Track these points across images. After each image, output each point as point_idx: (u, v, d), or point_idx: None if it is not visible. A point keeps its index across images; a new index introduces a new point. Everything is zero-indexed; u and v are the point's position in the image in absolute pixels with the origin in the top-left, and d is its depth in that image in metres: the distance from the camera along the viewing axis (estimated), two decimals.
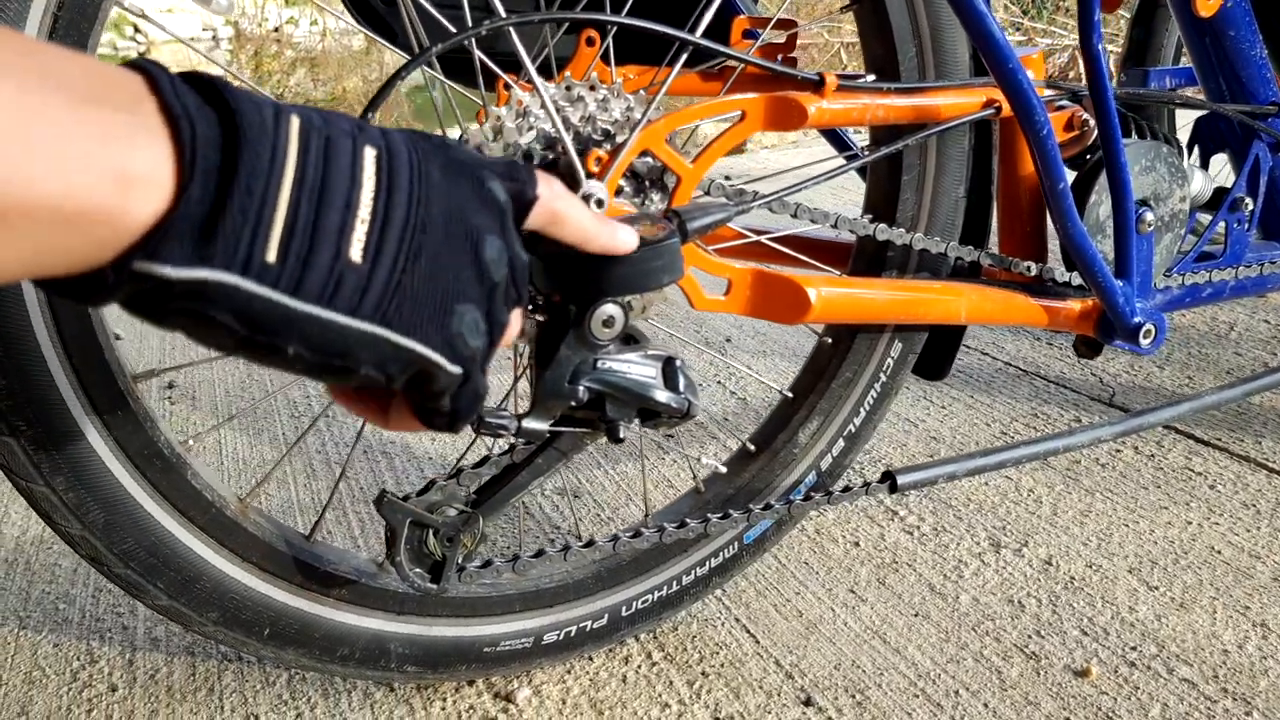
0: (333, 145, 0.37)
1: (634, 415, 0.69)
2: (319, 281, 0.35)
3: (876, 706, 0.84)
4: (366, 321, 0.37)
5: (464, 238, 0.41)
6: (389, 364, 0.39)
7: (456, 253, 0.40)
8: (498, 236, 0.43)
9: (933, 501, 1.17)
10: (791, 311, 0.75)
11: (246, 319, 0.34)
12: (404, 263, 0.38)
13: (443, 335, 0.40)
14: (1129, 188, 0.88)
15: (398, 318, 0.38)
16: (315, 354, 0.37)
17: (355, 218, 0.36)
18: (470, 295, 0.41)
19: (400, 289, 0.38)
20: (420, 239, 0.39)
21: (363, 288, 0.37)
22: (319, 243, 0.35)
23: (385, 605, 0.79)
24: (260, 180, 0.34)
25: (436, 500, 0.73)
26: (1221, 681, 0.87)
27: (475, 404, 0.44)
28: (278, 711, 0.84)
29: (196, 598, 0.70)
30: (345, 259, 0.36)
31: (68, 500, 0.64)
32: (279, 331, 0.35)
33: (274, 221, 0.34)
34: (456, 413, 0.44)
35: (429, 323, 0.39)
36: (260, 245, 0.34)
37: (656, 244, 0.62)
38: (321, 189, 0.36)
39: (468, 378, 0.42)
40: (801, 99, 0.71)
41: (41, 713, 0.84)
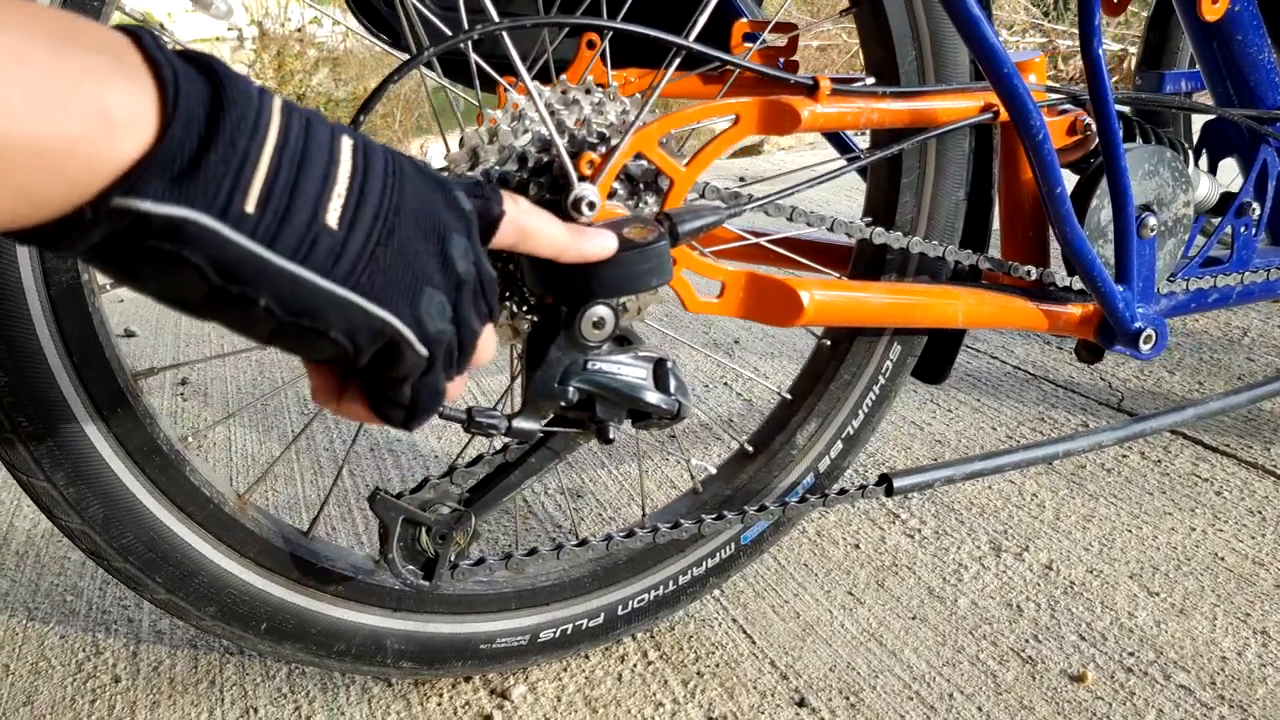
0: (313, 127, 0.38)
1: (624, 416, 0.69)
2: (295, 238, 0.36)
3: (870, 708, 0.85)
4: (339, 285, 0.38)
5: (432, 230, 0.42)
6: (358, 331, 0.39)
7: (425, 241, 0.42)
8: (464, 237, 0.44)
9: (935, 505, 1.17)
10: (784, 314, 0.75)
11: (221, 266, 0.35)
12: (378, 238, 0.39)
13: (412, 311, 0.41)
14: (1129, 192, 0.87)
15: (370, 286, 0.39)
16: (286, 312, 0.37)
17: (332, 189, 0.38)
18: (437, 282, 0.42)
19: (374, 260, 0.39)
20: (393, 220, 0.40)
21: (337, 252, 0.38)
22: (297, 202, 0.36)
23: (382, 601, 0.80)
24: (244, 138, 0.35)
25: (429, 498, 0.74)
26: (1219, 689, 0.86)
27: (434, 402, 0.45)
28: (277, 705, 0.85)
29: (195, 592, 0.72)
30: (321, 222, 0.37)
31: (68, 495, 0.65)
32: (252, 282, 0.36)
33: (255, 176, 0.35)
34: (415, 406, 0.44)
35: (399, 297, 0.40)
36: (240, 195, 0.35)
37: (645, 247, 0.63)
38: (301, 158, 0.37)
39: (431, 365, 0.43)
40: (795, 103, 0.71)
41: (46, 702, 0.86)
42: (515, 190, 0.70)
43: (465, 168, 0.70)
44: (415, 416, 0.46)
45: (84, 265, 0.62)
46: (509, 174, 0.70)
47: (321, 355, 0.40)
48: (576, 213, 0.66)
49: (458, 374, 0.46)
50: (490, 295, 0.46)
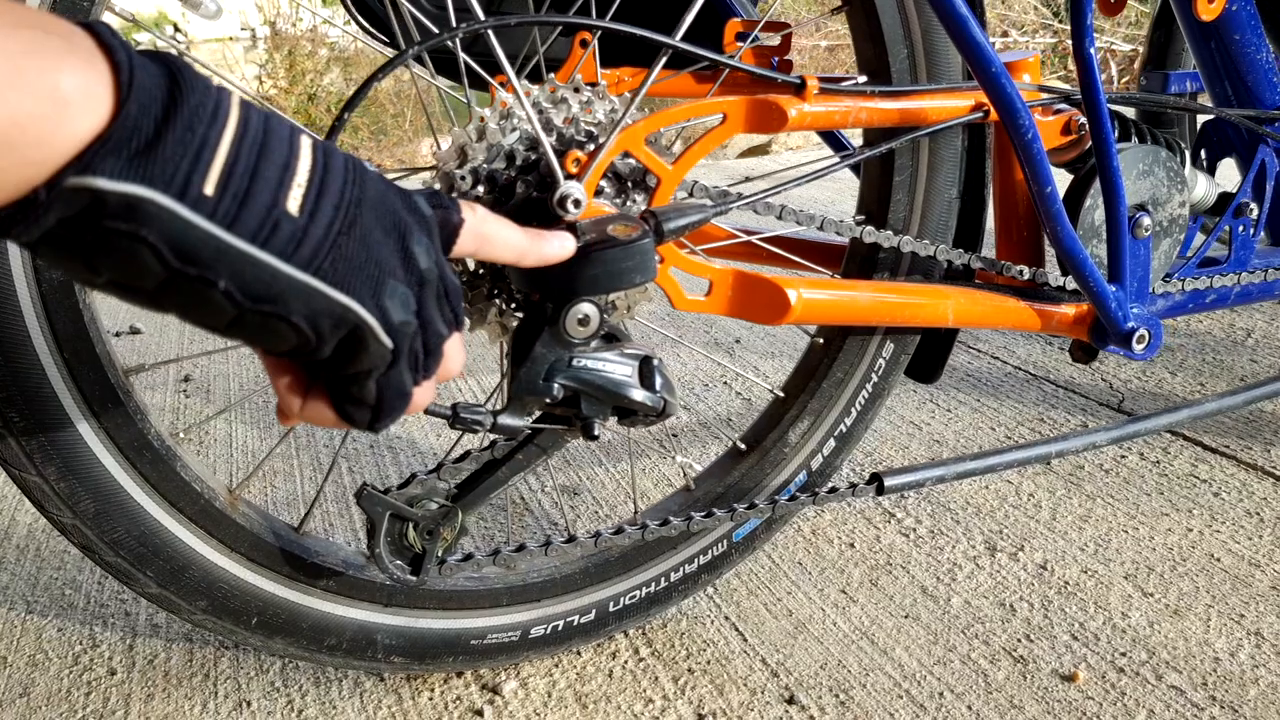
0: (272, 122, 0.39)
1: (609, 413, 0.70)
2: (255, 221, 0.37)
3: (859, 706, 0.85)
4: (301, 270, 0.38)
5: (393, 226, 0.42)
6: (320, 317, 0.39)
7: (387, 235, 0.42)
8: (425, 237, 0.44)
9: (930, 504, 1.16)
10: (771, 312, 0.76)
11: (178, 247, 0.35)
12: (340, 226, 0.39)
13: (375, 299, 0.41)
14: (1121, 192, 0.87)
15: (332, 272, 0.39)
16: (246, 297, 0.37)
17: (293, 179, 0.38)
18: (400, 275, 0.42)
19: (336, 248, 0.39)
20: (355, 212, 0.40)
21: (299, 238, 0.38)
22: (257, 187, 0.37)
23: (373, 597, 0.81)
24: (202, 123, 0.35)
25: (416, 494, 0.74)
26: (1210, 689, 0.86)
27: (399, 402, 0.45)
28: (269, 698, 0.86)
29: (186, 586, 0.72)
30: (282, 208, 0.37)
31: (60, 490, 0.66)
32: (211, 265, 0.36)
33: (214, 160, 0.36)
34: (380, 405, 0.44)
35: (362, 285, 0.40)
36: (199, 177, 0.35)
37: (628, 244, 0.63)
38: (262, 147, 0.37)
39: (396, 359, 0.43)
40: (782, 102, 0.72)
41: (43, 694, 0.87)
42: (503, 188, 0.70)
43: (454, 165, 0.70)
44: (381, 416, 0.45)
45: None
46: (497, 172, 0.70)
47: (283, 345, 0.40)
48: (562, 210, 0.67)
49: (424, 379, 0.46)
50: (455, 302, 0.46)
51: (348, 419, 0.45)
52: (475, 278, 0.74)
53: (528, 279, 0.65)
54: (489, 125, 0.70)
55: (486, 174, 0.70)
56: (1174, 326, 1.72)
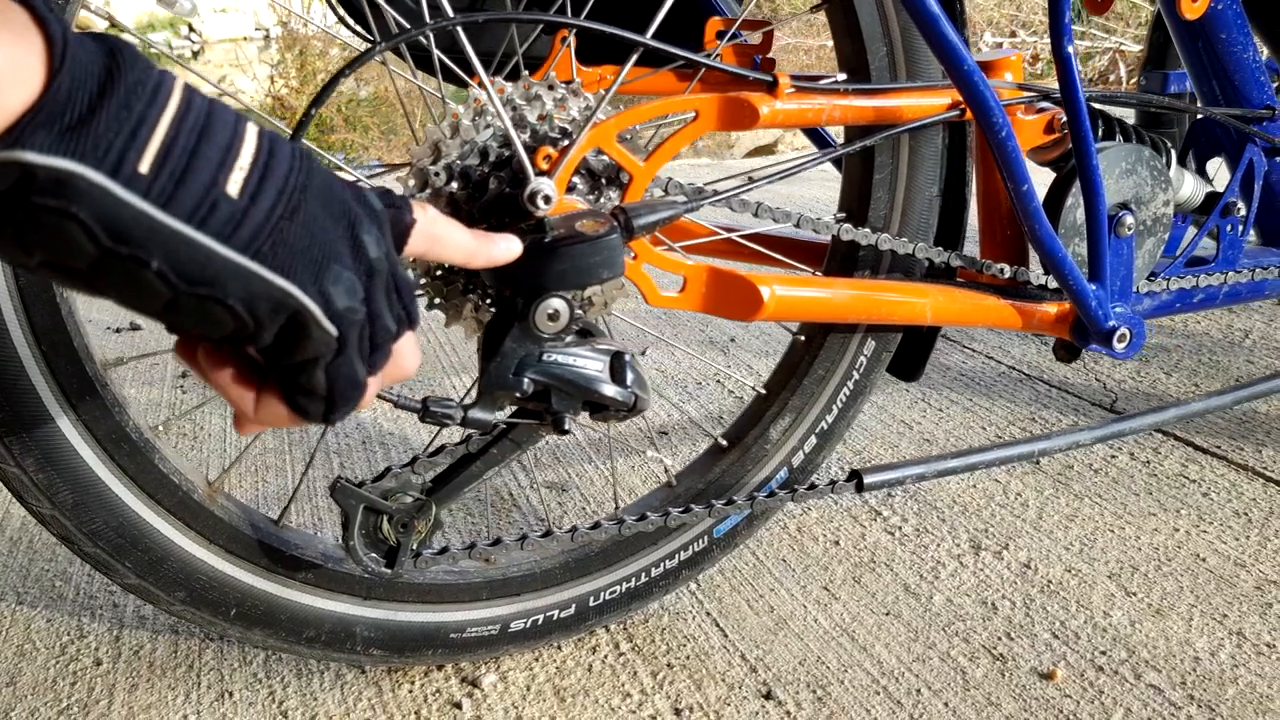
0: (216, 106, 0.39)
1: (580, 408, 0.70)
2: (192, 201, 0.36)
3: (836, 702, 0.85)
4: (238, 252, 0.38)
5: (342, 214, 0.42)
6: (257, 301, 0.39)
7: (334, 223, 0.42)
8: (375, 228, 0.44)
9: (917, 503, 1.17)
10: (744, 309, 0.76)
11: (110, 225, 0.35)
12: (282, 211, 0.39)
13: (317, 285, 0.40)
14: (1101, 190, 0.87)
15: (271, 255, 0.39)
16: (180, 278, 0.37)
17: (234, 161, 0.38)
18: (346, 262, 0.42)
19: (277, 232, 0.39)
20: (299, 198, 0.40)
21: (237, 220, 0.38)
22: (195, 168, 0.36)
23: (351, 590, 0.81)
24: (140, 102, 0.35)
25: (391, 487, 0.75)
26: (1189, 688, 0.86)
27: (352, 392, 0.44)
28: (251, 689, 0.87)
29: (164, 577, 0.73)
30: (221, 189, 0.37)
31: (38, 481, 0.67)
32: (144, 244, 0.36)
33: (151, 139, 0.35)
34: (332, 395, 0.43)
35: (304, 270, 0.40)
36: (134, 155, 0.35)
37: (595, 240, 0.64)
38: (203, 129, 0.37)
39: (342, 348, 0.42)
40: (754, 99, 0.72)
41: (29, 683, 0.88)
42: (476, 184, 0.71)
43: (428, 161, 0.71)
44: (334, 407, 0.44)
45: None
46: (470, 168, 0.71)
47: (220, 330, 0.40)
48: (533, 205, 0.67)
49: (371, 374, 0.45)
50: (407, 299, 0.46)
51: (301, 411, 0.44)
52: (450, 274, 0.75)
53: (496, 274, 0.65)
54: (463, 122, 0.71)
55: (460, 170, 0.71)
56: (1171, 327, 1.71)
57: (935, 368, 1.57)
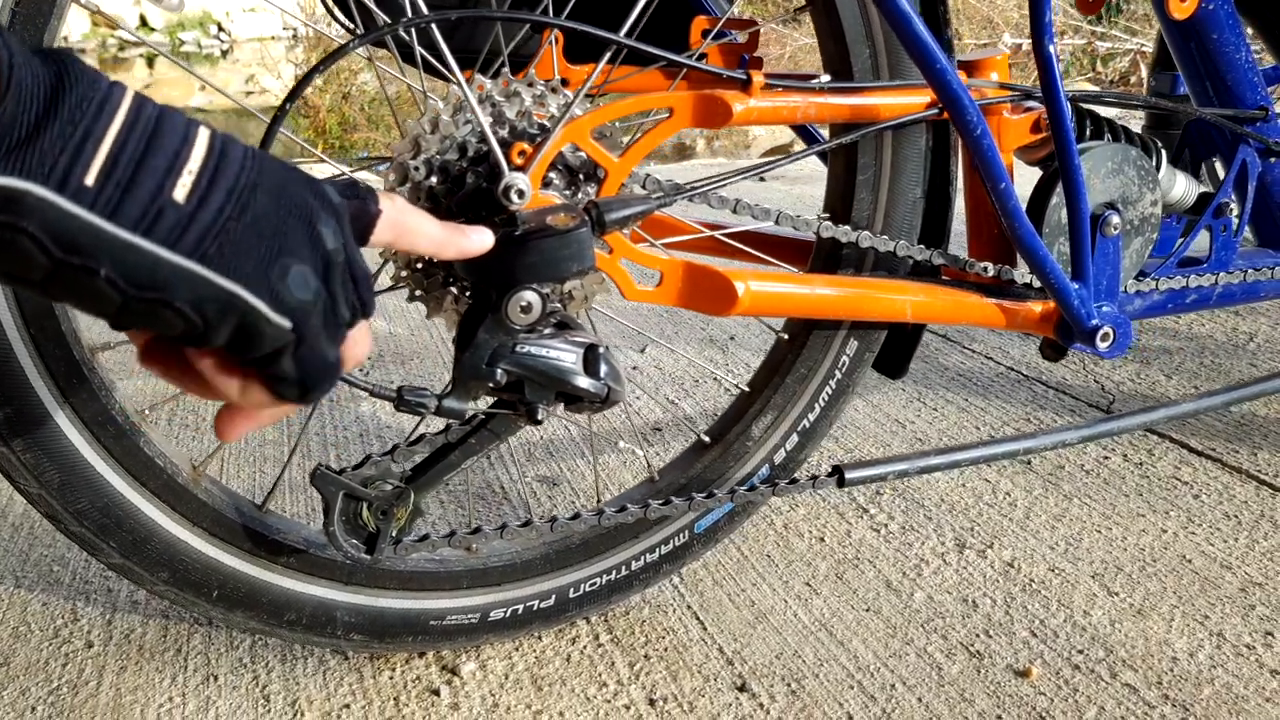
0: (166, 116, 0.40)
1: (553, 399, 0.71)
2: (137, 210, 0.38)
3: (810, 695, 0.86)
4: (184, 257, 0.39)
5: (297, 208, 0.44)
6: (205, 304, 0.40)
7: (289, 218, 0.43)
8: (333, 220, 0.45)
9: (905, 501, 1.17)
10: (719, 304, 0.77)
11: (59, 238, 0.37)
12: (230, 213, 0.40)
13: (266, 283, 0.42)
14: (1082, 189, 0.87)
15: (218, 259, 0.40)
16: (129, 284, 0.39)
17: (182, 167, 0.39)
18: (301, 256, 0.43)
19: (223, 234, 0.40)
20: (248, 197, 0.41)
21: (183, 225, 0.39)
22: (141, 177, 0.38)
23: (333, 575, 0.83)
24: (86, 116, 0.37)
25: (371, 475, 0.76)
26: (1164, 688, 0.86)
27: (324, 373, 0.46)
28: (236, 673, 0.89)
29: (148, 558, 0.75)
30: (168, 197, 0.39)
31: (25, 460, 0.69)
32: (92, 254, 0.38)
33: (97, 152, 0.37)
34: (304, 380, 0.45)
35: (252, 270, 0.41)
36: (80, 169, 0.37)
37: (565, 234, 0.65)
38: (151, 138, 0.39)
39: (302, 337, 0.44)
40: (728, 97, 0.73)
41: (22, 664, 0.90)
42: (455, 178, 0.73)
43: (409, 156, 0.72)
44: (309, 389, 0.46)
45: None
46: (449, 162, 0.73)
47: (172, 330, 0.41)
48: (507, 200, 0.69)
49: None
50: (363, 289, 0.47)
51: (279, 395, 0.46)
52: (430, 266, 0.77)
53: (470, 267, 0.67)
54: (442, 117, 0.72)
55: (439, 164, 0.72)
56: (1174, 329, 1.70)
57: (933, 367, 1.57)
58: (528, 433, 1.35)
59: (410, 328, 1.79)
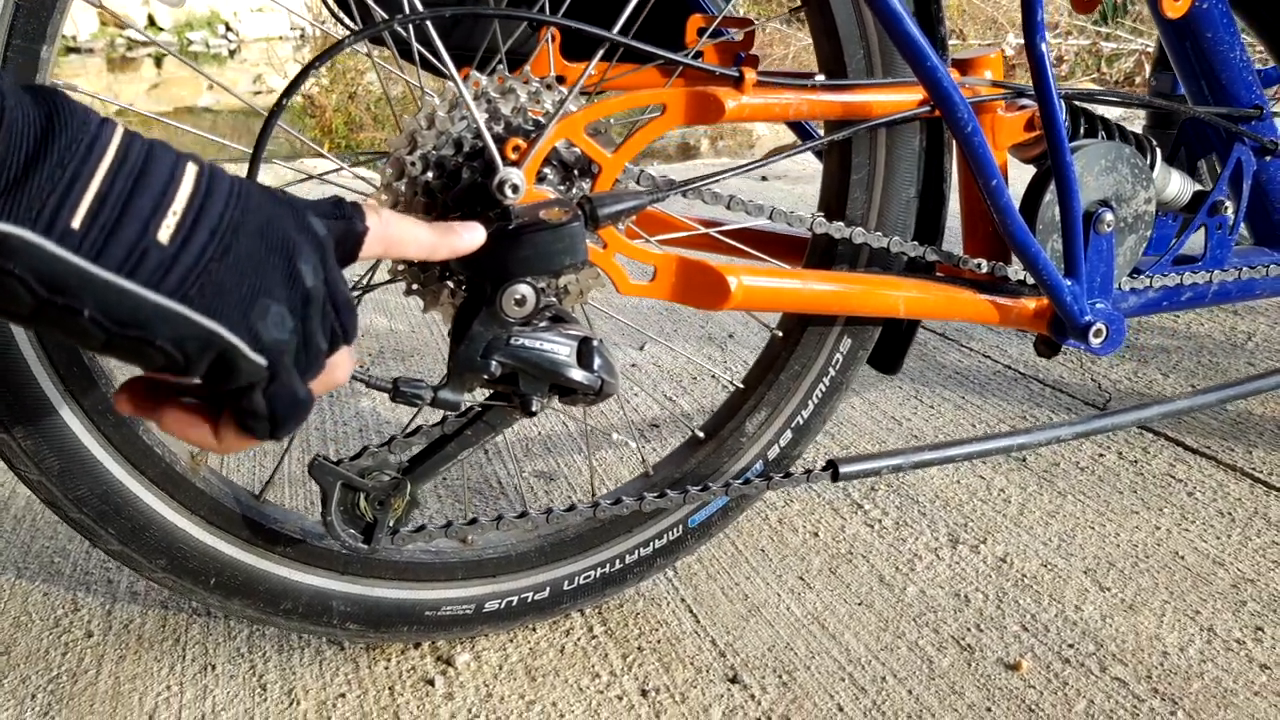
0: (155, 154, 0.41)
1: (547, 391, 0.72)
2: (122, 252, 0.39)
3: (801, 687, 0.87)
4: (166, 297, 0.41)
5: (279, 245, 0.45)
6: (186, 341, 0.42)
7: (270, 255, 0.44)
8: (315, 255, 0.46)
9: (899, 497, 1.18)
10: (712, 298, 0.78)
11: (44, 279, 0.38)
12: (212, 253, 0.42)
13: (245, 322, 0.43)
14: (1074, 185, 0.88)
15: (199, 299, 0.41)
16: (112, 322, 0.40)
17: (167, 208, 0.41)
18: (279, 295, 0.44)
19: (205, 274, 0.41)
20: (230, 238, 0.42)
21: (166, 266, 0.40)
22: (126, 220, 0.39)
23: (330, 565, 0.84)
24: (74, 160, 0.38)
25: (368, 465, 0.77)
26: (1154, 682, 0.86)
27: (295, 409, 0.47)
28: (233, 663, 0.90)
29: (146, 545, 0.76)
30: (152, 238, 0.40)
31: (25, 447, 0.70)
32: (77, 294, 0.39)
33: (84, 195, 0.38)
34: (274, 416, 0.46)
35: (232, 309, 0.42)
36: (67, 212, 0.38)
37: (557, 228, 0.66)
38: (137, 180, 0.40)
39: (275, 374, 0.45)
40: (720, 94, 0.74)
41: (23, 653, 0.91)
42: (450, 174, 0.74)
43: (405, 152, 0.73)
44: (278, 425, 0.47)
45: None
46: (445, 158, 0.73)
47: (153, 365, 0.43)
48: (501, 194, 0.69)
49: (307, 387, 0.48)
50: (345, 318, 0.48)
51: (249, 431, 0.47)
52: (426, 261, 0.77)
53: (463, 260, 0.68)
54: (438, 113, 0.73)
55: (435, 160, 0.73)
56: (1173, 328, 1.71)
57: (930, 365, 1.58)
58: (524, 429, 1.36)
59: (411, 324, 1.80)
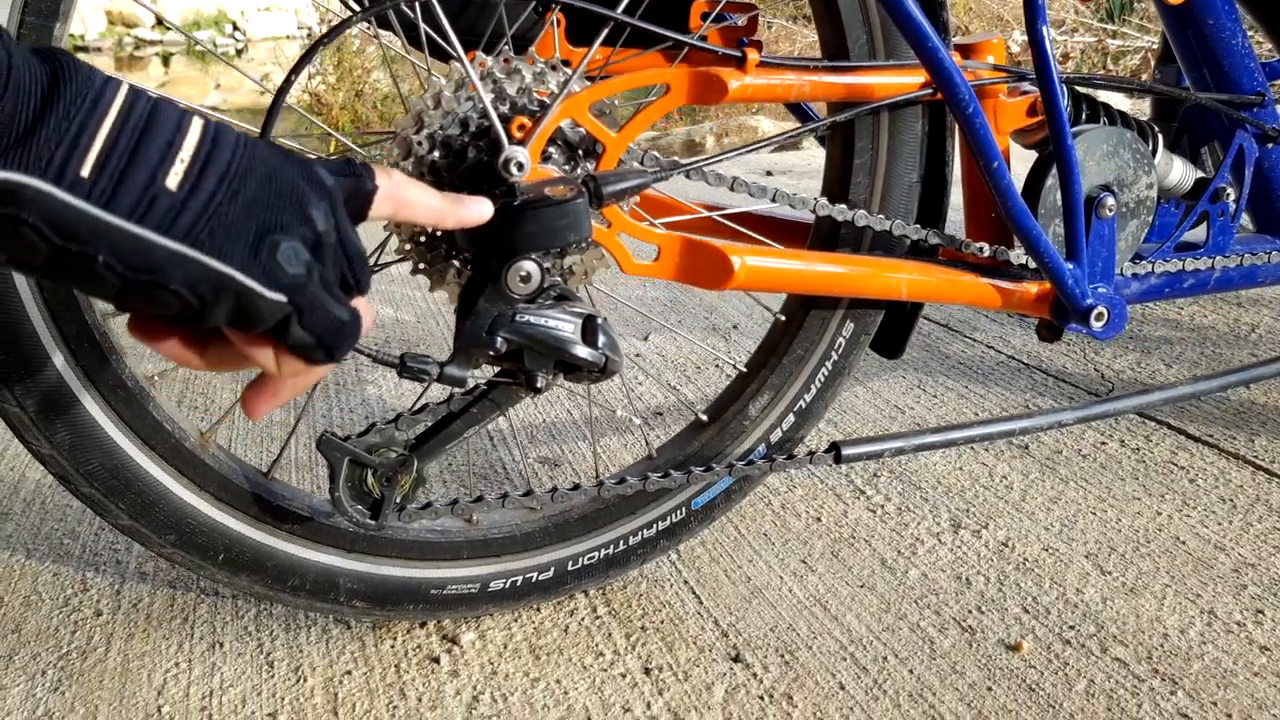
0: (160, 108, 0.43)
1: (552, 368, 0.73)
2: (131, 199, 0.40)
3: (803, 666, 0.87)
4: (177, 241, 0.42)
5: (288, 189, 0.45)
6: (199, 284, 0.43)
7: (279, 198, 0.45)
8: (324, 203, 0.47)
9: (901, 483, 1.18)
10: (715, 277, 0.79)
11: (58, 226, 0.39)
12: (222, 198, 0.43)
13: (257, 263, 0.44)
14: (1075, 169, 0.89)
15: (209, 242, 0.42)
16: (126, 268, 0.41)
17: (175, 156, 0.42)
18: (292, 232, 0.45)
19: (215, 219, 0.43)
20: (239, 184, 0.43)
21: (176, 211, 0.42)
22: (135, 167, 0.40)
23: (337, 542, 0.85)
24: (80, 112, 0.39)
25: (375, 442, 0.78)
26: (1154, 663, 0.87)
27: (340, 332, 0.48)
28: (241, 641, 0.91)
29: (155, 520, 0.77)
30: (161, 185, 0.41)
31: (37, 421, 0.71)
32: (90, 240, 0.40)
33: (92, 145, 0.40)
34: (322, 341, 0.47)
35: (243, 250, 0.43)
36: (75, 162, 0.39)
37: (561, 204, 0.67)
38: (144, 130, 0.41)
39: (301, 308, 0.46)
40: (723, 74, 0.75)
41: (33, 630, 0.92)
42: (456, 153, 0.74)
43: (412, 131, 0.74)
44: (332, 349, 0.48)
45: None
46: (451, 137, 0.74)
47: (170, 310, 0.44)
48: (506, 173, 0.70)
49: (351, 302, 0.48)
50: (358, 267, 0.49)
51: (307, 358, 0.48)
52: (433, 240, 0.78)
53: (469, 237, 0.68)
54: (445, 93, 0.74)
55: (441, 139, 0.74)
56: (1176, 319, 1.71)
57: (934, 355, 1.58)
58: (529, 415, 1.37)
59: (416, 314, 1.81)
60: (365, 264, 0.50)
